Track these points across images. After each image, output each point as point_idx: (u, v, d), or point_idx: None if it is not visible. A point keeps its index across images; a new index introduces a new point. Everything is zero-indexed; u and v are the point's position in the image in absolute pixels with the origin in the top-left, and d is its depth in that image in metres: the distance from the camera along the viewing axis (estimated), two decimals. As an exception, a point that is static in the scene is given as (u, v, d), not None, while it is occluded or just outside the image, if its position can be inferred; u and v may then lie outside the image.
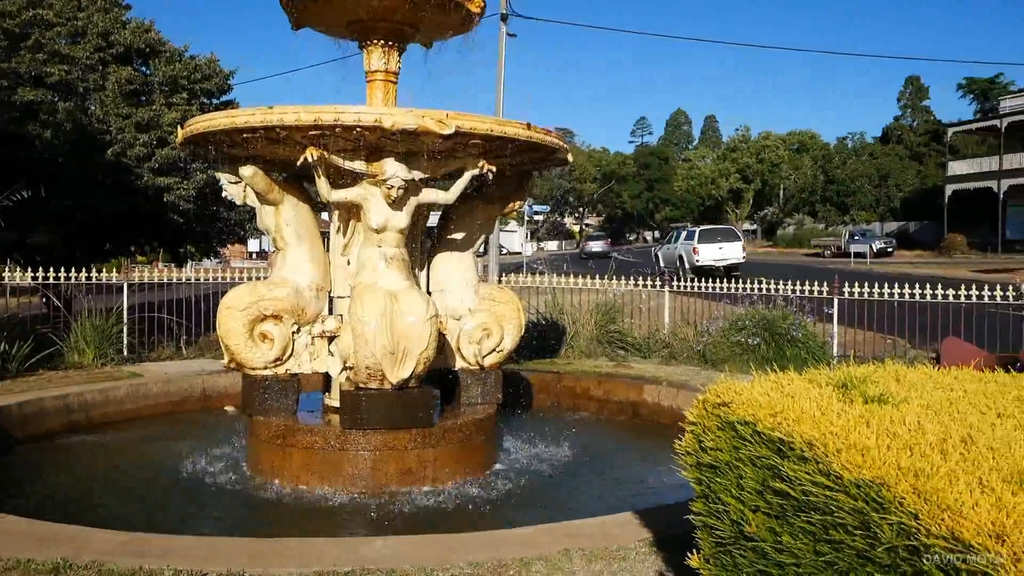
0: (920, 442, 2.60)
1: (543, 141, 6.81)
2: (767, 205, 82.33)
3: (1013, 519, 2.15)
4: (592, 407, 9.99)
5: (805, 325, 11.36)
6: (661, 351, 11.97)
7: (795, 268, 34.22)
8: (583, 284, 13.13)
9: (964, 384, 3.42)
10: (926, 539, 2.19)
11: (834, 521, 2.49)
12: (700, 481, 3.24)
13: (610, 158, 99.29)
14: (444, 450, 6.84)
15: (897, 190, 67.03)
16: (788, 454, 2.71)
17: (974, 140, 61.24)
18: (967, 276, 27.31)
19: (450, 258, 7.80)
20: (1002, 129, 49.01)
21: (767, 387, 3.20)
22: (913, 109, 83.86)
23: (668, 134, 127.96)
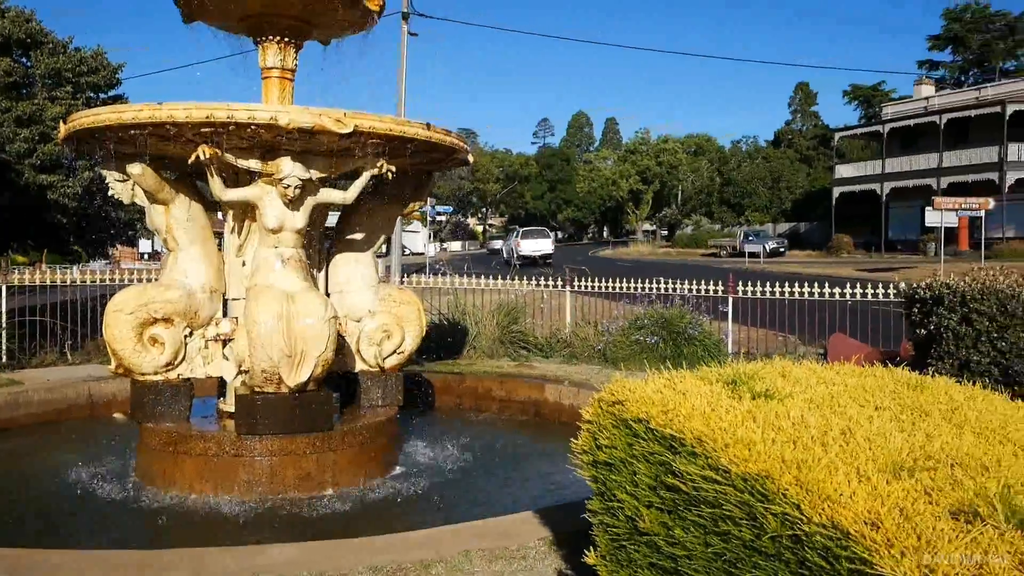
0: (803, 435, 2.70)
1: (443, 141, 6.79)
2: (666, 206, 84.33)
3: (887, 507, 2.25)
4: (494, 407, 10.02)
5: (701, 323, 11.65)
6: (563, 351, 12.09)
7: (693, 268, 35.14)
8: (485, 284, 13.15)
9: (845, 379, 3.57)
10: (808, 528, 2.28)
11: (723, 514, 2.56)
12: (596, 479, 3.28)
13: (513, 159, 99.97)
14: (344, 454, 6.74)
15: (789, 192, 69.61)
16: (679, 450, 2.77)
17: (859, 144, 64.14)
18: (853, 275, 28.57)
19: (350, 259, 7.69)
20: (884, 134, 51.48)
21: (660, 385, 3.26)
22: (803, 114, 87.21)
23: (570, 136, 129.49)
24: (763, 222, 67.03)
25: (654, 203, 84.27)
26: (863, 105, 73.82)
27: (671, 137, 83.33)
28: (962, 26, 63.56)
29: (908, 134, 51.10)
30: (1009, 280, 6.52)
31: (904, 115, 52.11)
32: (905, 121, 50.67)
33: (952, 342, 6.51)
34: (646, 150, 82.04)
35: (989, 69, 62.72)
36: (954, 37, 64.50)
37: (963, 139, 46.63)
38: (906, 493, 2.34)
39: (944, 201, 30.74)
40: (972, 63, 65.32)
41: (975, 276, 6.74)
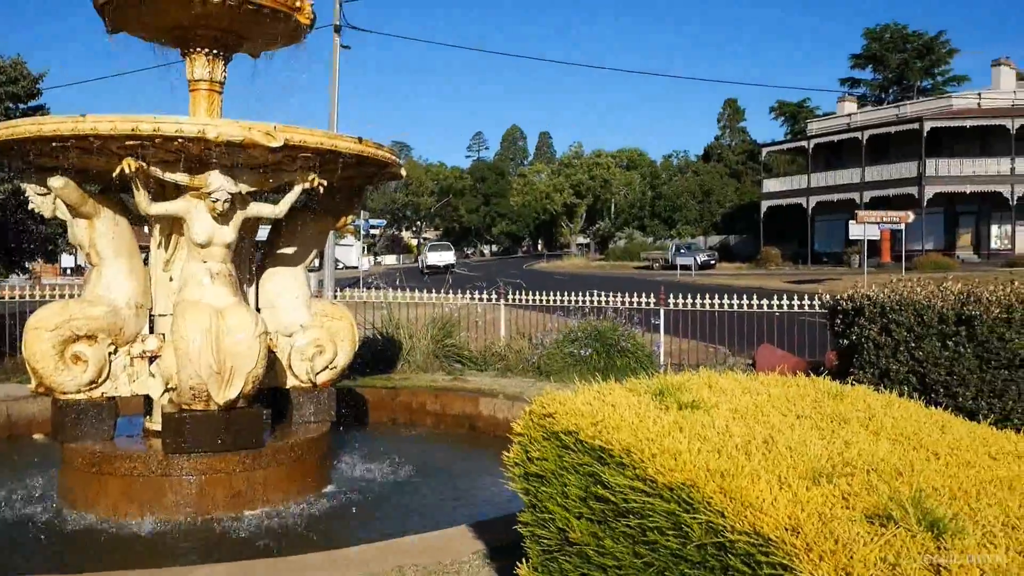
0: (727, 444, 2.77)
1: (375, 155, 6.77)
2: (600, 220, 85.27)
3: (807, 512, 2.33)
4: (429, 421, 9.99)
5: (634, 336, 11.80)
6: (497, 364, 12.11)
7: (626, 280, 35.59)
8: (419, 298, 13.12)
9: (769, 389, 3.67)
10: (731, 535, 2.33)
11: (650, 523, 2.61)
12: (528, 491, 3.31)
13: (447, 172, 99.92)
14: (275, 471, 6.64)
15: (719, 206, 71.04)
16: (608, 461, 2.81)
17: (786, 159, 65.86)
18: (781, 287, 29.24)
19: (281, 273, 7.60)
20: (809, 150, 53.00)
21: (590, 397, 3.31)
22: (731, 130, 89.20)
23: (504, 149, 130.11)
24: (694, 235, 68.25)
25: (588, 216, 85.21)
26: (789, 121, 75.85)
27: (604, 151, 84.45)
28: (882, 45, 65.86)
29: (832, 149, 52.73)
30: (925, 291, 6.77)
31: (828, 131, 53.75)
32: (829, 137, 52.27)
33: (872, 352, 6.72)
34: (579, 164, 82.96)
35: (908, 87, 65.10)
36: (874, 56, 66.78)
37: (884, 154, 48.28)
38: (825, 499, 2.42)
39: (866, 215, 31.80)
40: (892, 81, 67.69)
41: (894, 288, 6.98)
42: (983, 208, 45.51)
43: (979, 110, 46.16)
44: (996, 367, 6.22)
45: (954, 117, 45.46)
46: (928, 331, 6.43)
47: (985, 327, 6.22)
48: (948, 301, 6.48)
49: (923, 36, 64.96)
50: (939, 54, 65.44)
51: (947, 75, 66.52)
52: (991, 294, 6.43)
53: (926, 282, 7.22)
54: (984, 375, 6.26)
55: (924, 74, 66.04)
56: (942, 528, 2.22)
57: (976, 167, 44.26)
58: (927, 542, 2.16)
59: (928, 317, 6.44)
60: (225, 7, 6.66)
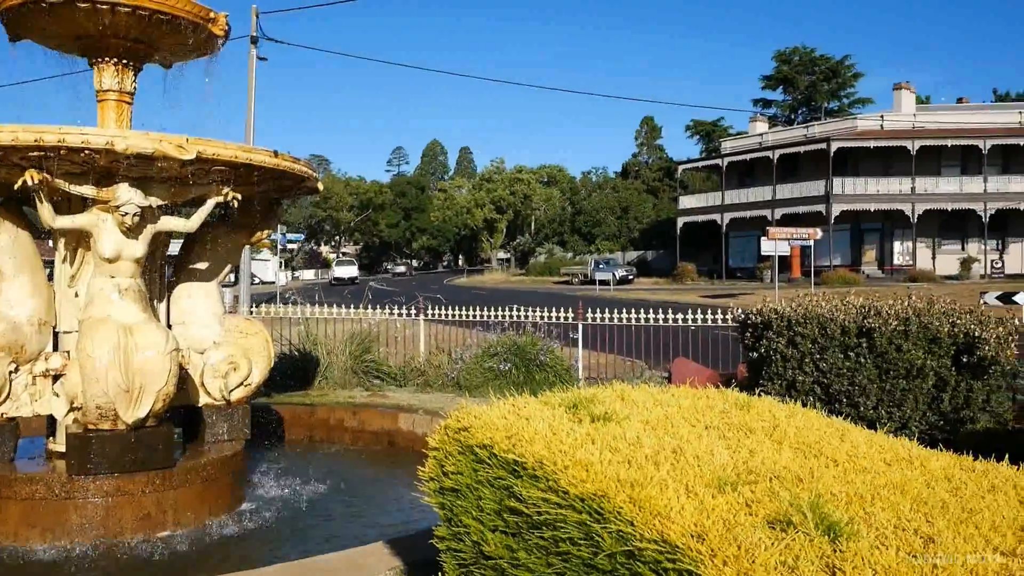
0: (638, 455, 2.83)
1: (291, 169, 6.71)
2: (520, 235, 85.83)
3: (712, 519, 2.40)
4: (347, 438, 9.88)
5: (553, 350, 11.91)
6: (417, 379, 12.07)
7: (546, 295, 35.86)
8: (338, 314, 12.98)
9: (680, 400, 3.77)
10: (640, 544, 2.39)
11: (563, 534, 2.65)
12: (443, 506, 3.32)
13: (367, 187, 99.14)
14: (186, 491, 6.47)
15: (636, 222, 72.32)
16: (522, 474, 2.85)
17: (701, 176, 67.54)
18: (696, 301, 29.92)
19: (193, 289, 7.44)
20: (723, 168, 54.46)
21: (505, 411, 3.34)
22: (648, 147, 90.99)
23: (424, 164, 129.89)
24: (613, 250, 69.28)
25: (508, 232, 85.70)
26: (704, 139, 77.87)
27: (525, 167, 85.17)
28: (791, 68, 68.24)
29: (745, 168, 54.31)
30: (829, 306, 7.04)
31: (741, 150, 55.37)
32: (742, 156, 53.83)
33: (780, 363, 6.96)
34: (500, 179, 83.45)
35: (816, 108, 67.54)
36: (784, 78, 69.13)
37: (794, 173, 49.95)
38: (729, 506, 2.50)
39: (777, 231, 32.78)
40: (801, 102, 70.16)
41: (800, 302, 7.24)
42: (886, 225, 47.47)
43: (882, 132, 48.20)
44: (894, 377, 6.50)
45: (859, 138, 47.35)
46: (831, 343, 6.68)
47: (884, 339, 6.51)
48: (850, 315, 6.75)
49: (830, 60, 67.59)
50: (845, 77, 68.17)
51: (852, 97, 69.38)
52: (889, 308, 6.72)
53: (830, 296, 7.51)
54: (883, 385, 6.54)
55: (831, 96, 68.66)
56: (838, 532, 2.32)
57: (880, 186, 46.16)
58: (824, 545, 2.26)
59: (831, 330, 6.70)
60: (135, 16, 6.52)
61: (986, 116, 49.95)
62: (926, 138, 45.71)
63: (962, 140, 45.60)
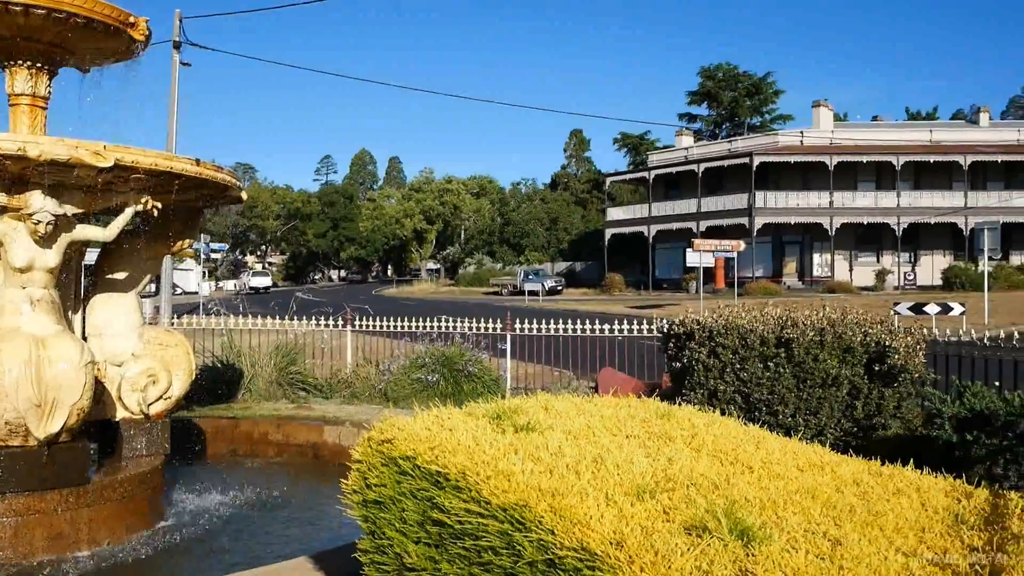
0: (559, 464, 2.87)
1: (214, 178, 6.59)
2: (450, 245, 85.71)
3: (631, 527, 2.45)
4: (272, 452, 9.71)
5: (481, 361, 11.92)
6: (343, 391, 11.94)
7: (475, 306, 35.89)
8: (262, 325, 12.77)
9: (602, 410, 3.82)
10: (561, 552, 2.43)
11: (485, 544, 2.67)
12: (367, 518, 3.30)
13: (294, 195, 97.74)
14: (102, 509, 6.28)
15: (565, 233, 72.95)
16: (444, 485, 2.85)
17: (628, 189, 68.54)
18: (624, 312, 30.31)
19: (111, 299, 7.24)
20: (650, 180, 55.39)
21: (429, 422, 3.35)
22: (577, 159, 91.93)
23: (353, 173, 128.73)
24: (542, 261, 69.71)
25: (438, 242, 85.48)
26: (631, 152, 79.03)
27: (454, 177, 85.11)
28: (715, 84, 69.84)
29: (671, 181, 55.31)
30: (749, 316, 7.22)
31: (667, 163, 56.39)
32: (668, 169, 54.83)
33: (702, 373, 7.10)
34: (430, 190, 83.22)
35: (739, 124, 69.25)
36: (708, 93, 70.70)
37: (718, 186, 51.09)
38: (648, 513, 2.55)
39: (702, 243, 33.47)
40: (725, 118, 71.83)
41: (721, 313, 7.41)
42: (806, 238, 48.89)
43: (802, 147, 49.68)
44: (811, 386, 6.70)
45: (780, 153, 48.71)
46: (751, 353, 6.85)
47: (801, 349, 6.70)
48: (769, 325, 6.94)
49: (752, 77, 69.40)
50: (766, 94, 70.06)
51: (774, 113, 71.31)
52: (806, 318, 6.93)
53: (750, 308, 7.70)
54: (801, 393, 6.73)
55: (753, 112, 70.48)
56: (751, 536, 2.39)
57: (800, 200, 47.53)
58: (737, 550, 2.32)
59: (751, 341, 6.87)
60: (50, 19, 6.33)
61: (899, 134, 52.00)
62: (843, 154, 47.29)
63: (877, 156, 47.31)
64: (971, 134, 52.14)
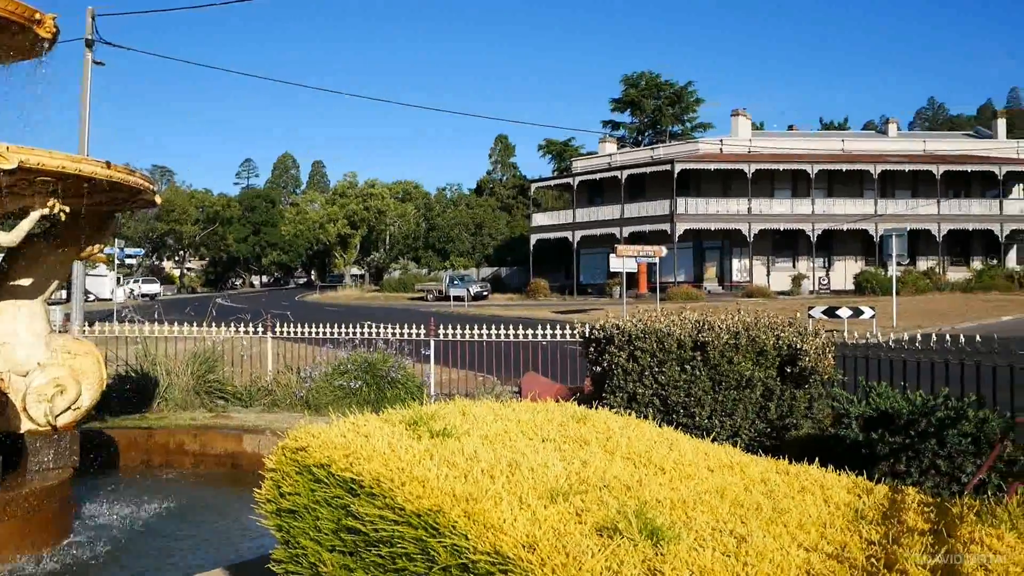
0: (474, 469, 2.88)
1: (126, 181, 6.41)
2: (374, 250, 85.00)
3: (543, 529, 2.48)
4: (188, 462, 9.47)
5: (404, 367, 11.85)
6: (264, 399, 11.72)
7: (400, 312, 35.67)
8: (179, 332, 12.45)
9: (519, 415, 3.85)
10: (474, 556, 2.44)
11: (399, 551, 2.66)
12: (281, 527, 3.26)
13: (214, 199, 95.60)
14: (6, 525, 6.03)
15: (491, 238, 73.10)
16: (359, 492, 2.84)
17: (553, 195, 69.09)
18: (549, 317, 30.53)
19: (14, 307, 6.96)
20: (574, 186, 55.93)
21: (344, 429, 3.32)
22: (502, 165, 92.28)
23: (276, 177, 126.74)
24: (468, 267, 69.73)
25: (362, 247, 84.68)
26: (556, 159, 79.72)
27: (378, 181, 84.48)
28: (638, 92, 70.99)
29: (595, 187, 55.97)
30: (667, 321, 7.36)
31: (591, 169, 57.03)
32: (592, 175, 55.46)
33: (621, 377, 7.21)
34: (354, 194, 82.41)
35: (661, 131, 70.52)
36: (631, 101, 71.82)
37: (641, 193, 51.89)
38: (560, 516, 2.58)
39: (625, 249, 33.86)
40: (647, 125, 73.07)
41: (640, 318, 7.53)
42: (726, 244, 50.03)
43: (721, 155, 50.86)
44: (726, 388, 6.86)
45: (700, 160, 49.77)
46: (669, 357, 6.98)
47: (717, 352, 6.86)
48: (686, 329, 7.09)
49: (674, 85, 70.79)
50: (688, 102, 71.55)
51: (694, 122, 72.90)
52: (721, 322, 7.10)
53: (668, 312, 7.84)
54: (717, 396, 6.89)
55: (675, 120, 71.89)
56: (660, 536, 2.45)
57: (719, 206, 48.63)
58: (647, 549, 2.37)
59: (669, 344, 7.00)
60: (-51, 15, 6.08)
61: (813, 143, 53.75)
62: (761, 162, 48.59)
63: (792, 165, 48.76)
64: (880, 144, 54.22)
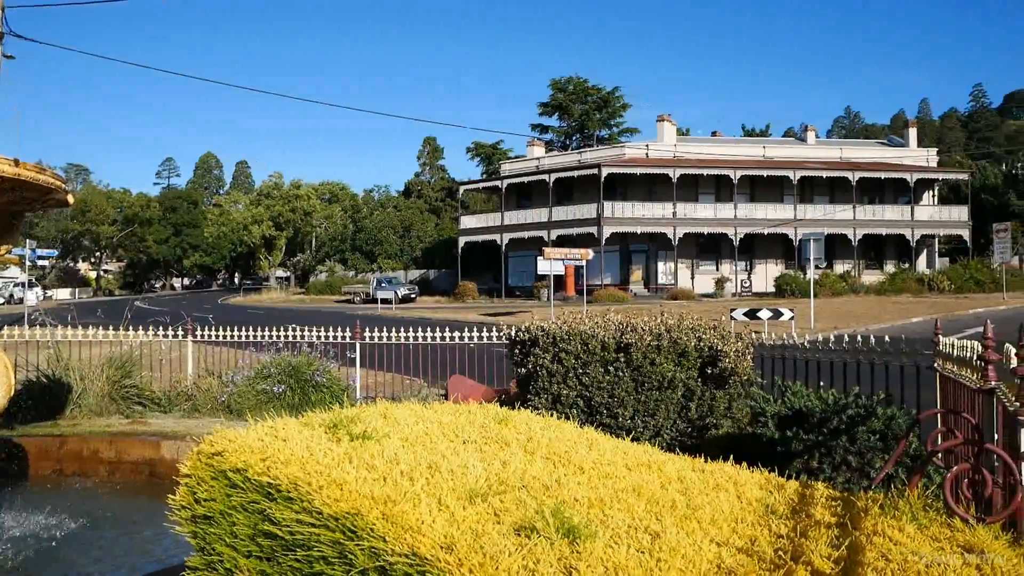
0: (394, 472, 2.87)
1: (35, 180, 6.20)
2: (300, 252, 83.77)
3: (462, 530, 2.49)
4: (103, 470, 9.18)
5: (329, 370, 11.71)
6: (184, 404, 11.45)
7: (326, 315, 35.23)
8: (94, 336, 12.08)
9: (441, 417, 3.85)
10: (392, 558, 2.43)
11: (317, 555, 2.64)
12: (196, 534, 3.19)
13: (132, 199, 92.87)
14: (-96, 538, 5.77)
15: (419, 241, 72.76)
16: (276, 496, 2.80)
17: (482, 197, 69.18)
18: (477, 319, 30.53)
19: (-84, 310, 6.67)
20: (503, 189, 56.08)
21: (262, 433, 3.28)
22: (431, 167, 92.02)
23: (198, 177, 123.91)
24: (395, 269, 69.27)
25: (288, 249, 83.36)
26: (484, 161, 79.86)
27: (304, 182, 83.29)
28: (566, 96, 71.57)
29: (523, 190, 56.24)
30: (591, 323, 7.44)
31: (519, 173, 57.28)
32: (520, 178, 55.71)
33: (546, 378, 7.26)
34: (279, 195, 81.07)
35: (588, 135, 71.22)
36: (559, 105, 72.38)
37: (568, 196, 52.33)
38: (479, 516, 2.60)
39: (552, 252, 34.10)
40: (575, 129, 73.71)
41: (564, 320, 7.60)
42: (651, 247, 50.81)
43: (647, 160, 51.62)
44: (649, 389, 6.98)
45: (627, 165, 50.42)
46: (593, 359, 7.07)
47: (640, 354, 6.97)
48: (609, 331, 7.18)
49: (601, 90, 71.58)
50: (614, 107, 72.43)
51: (621, 127, 73.85)
52: (644, 324, 7.22)
53: (593, 314, 7.93)
54: (640, 396, 7.00)
55: (602, 124, 72.69)
56: (577, 534, 2.48)
57: (645, 210, 49.35)
58: (564, 548, 2.40)
59: (593, 346, 7.09)
60: None
61: (736, 149, 55.03)
62: (686, 167, 49.49)
63: (716, 170, 49.79)
64: (800, 151, 55.77)
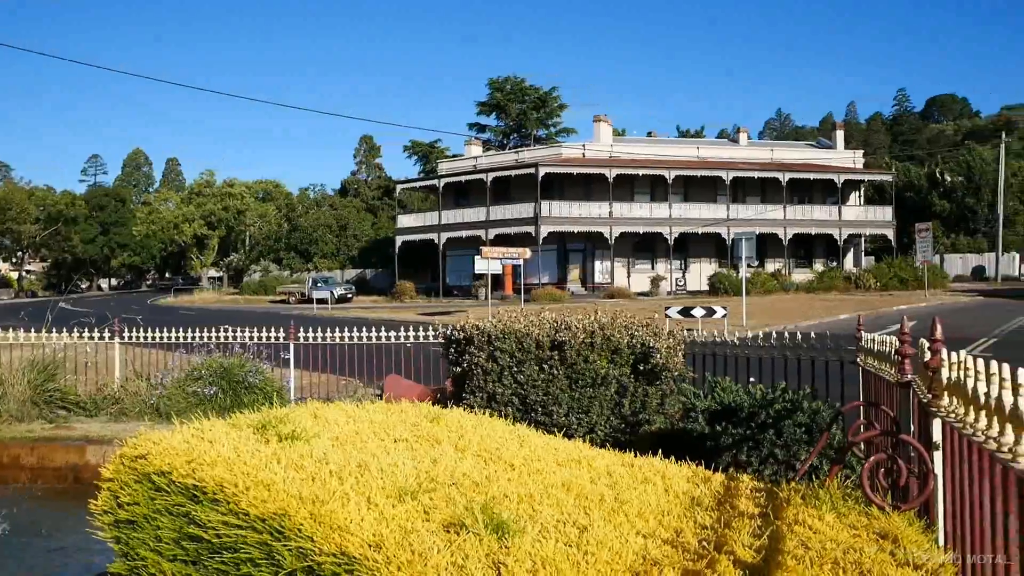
0: (322, 472, 2.85)
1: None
2: (233, 252, 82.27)
3: (391, 528, 2.48)
4: (24, 477, 8.90)
5: (262, 371, 11.54)
6: (111, 408, 11.16)
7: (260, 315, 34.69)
8: (13, 338, 11.69)
9: (372, 416, 3.83)
10: (320, 558, 2.42)
11: (243, 556, 2.60)
12: (119, 539, 3.13)
13: (56, 197, 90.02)
14: None
15: (355, 240, 72.07)
16: (202, 499, 2.76)
17: (419, 196, 68.83)
18: (414, 319, 30.37)
19: None
20: (440, 188, 55.91)
21: (188, 435, 3.22)
22: (368, 165, 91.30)
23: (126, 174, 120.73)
24: (332, 268, 68.50)
25: (220, 248, 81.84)
26: (422, 160, 79.51)
27: (237, 180, 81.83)
28: (504, 95, 71.68)
29: (461, 189, 56.14)
30: (526, 321, 7.48)
31: (457, 172, 57.17)
32: (458, 177, 55.59)
33: (481, 377, 7.28)
34: (212, 193, 79.50)
35: (526, 135, 71.44)
36: (497, 105, 72.46)
37: (506, 195, 52.40)
38: (408, 514, 2.60)
39: (490, 251, 34.13)
40: (513, 129, 73.87)
41: (500, 318, 7.62)
42: (588, 246, 51.20)
43: (584, 160, 52.01)
44: (583, 386, 7.04)
45: (564, 164, 50.73)
46: (528, 356, 7.10)
47: (573, 351, 7.03)
48: (544, 329, 7.22)
49: (539, 90, 71.89)
50: (552, 107, 72.81)
51: (558, 127, 74.28)
52: (578, 322, 7.28)
53: (528, 312, 7.97)
54: (574, 393, 7.06)
55: (540, 124, 72.99)
56: (506, 529, 2.50)
57: (582, 210, 49.72)
58: (492, 543, 2.41)
59: (527, 344, 7.12)
60: None
61: (671, 149, 55.82)
62: (622, 167, 50.00)
63: (651, 170, 50.41)
64: (733, 152, 56.81)
